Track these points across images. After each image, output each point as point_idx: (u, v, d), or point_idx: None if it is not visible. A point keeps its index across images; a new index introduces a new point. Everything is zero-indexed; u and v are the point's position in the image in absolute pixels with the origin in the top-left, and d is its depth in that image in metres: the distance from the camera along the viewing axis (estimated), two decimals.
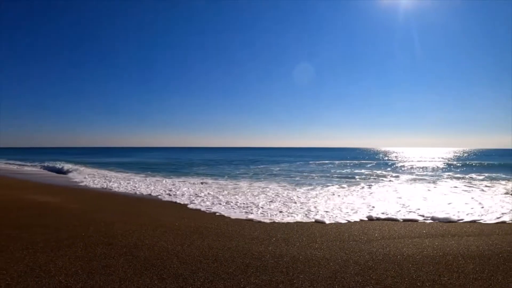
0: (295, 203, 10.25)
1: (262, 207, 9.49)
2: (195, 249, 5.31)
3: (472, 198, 11.40)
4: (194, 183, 16.69)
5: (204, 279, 4.01)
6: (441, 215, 8.08)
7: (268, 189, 14.14)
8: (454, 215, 8.09)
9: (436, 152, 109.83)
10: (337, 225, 7.39)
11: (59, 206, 9.10)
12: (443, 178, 20.01)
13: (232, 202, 10.44)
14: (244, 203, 10.13)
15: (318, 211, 8.83)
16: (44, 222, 7.00)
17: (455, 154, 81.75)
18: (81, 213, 8.13)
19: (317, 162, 43.02)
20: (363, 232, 6.61)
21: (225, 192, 13.05)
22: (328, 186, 15.50)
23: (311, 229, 6.98)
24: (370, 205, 9.75)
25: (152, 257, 4.82)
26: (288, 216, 8.30)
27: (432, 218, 7.54)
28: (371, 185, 16.05)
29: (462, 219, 7.40)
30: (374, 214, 8.36)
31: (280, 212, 8.84)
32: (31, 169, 27.92)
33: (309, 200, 10.91)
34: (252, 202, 10.34)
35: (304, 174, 23.83)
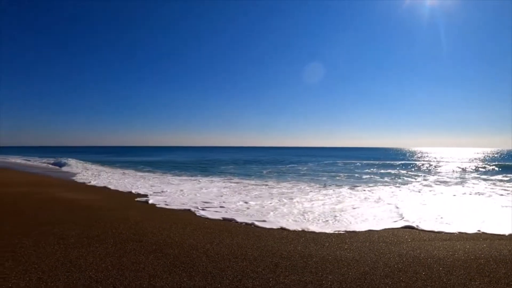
0: (323, 205, 10.17)
1: (288, 212, 9.43)
2: (224, 247, 5.36)
3: (503, 202, 10.96)
4: (222, 182, 16.88)
5: (233, 278, 4.04)
6: (473, 228, 7.55)
7: (295, 190, 14.06)
8: (488, 226, 7.42)
9: (465, 152, 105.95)
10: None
11: (89, 204, 9.41)
12: (472, 180, 19.15)
13: (254, 202, 10.46)
14: (265, 204, 10.13)
15: (340, 217, 8.69)
16: (75, 219, 7.25)
17: (484, 154, 78.33)
18: (111, 211, 8.36)
19: (345, 161, 42.48)
20: (392, 234, 6.47)
21: (252, 192, 13.09)
22: (356, 186, 15.21)
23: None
24: (396, 211, 9.42)
25: (181, 255, 4.91)
26: (313, 223, 8.13)
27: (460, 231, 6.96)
28: (398, 187, 15.66)
29: (494, 232, 6.79)
30: (401, 221, 8.00)
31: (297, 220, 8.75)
32: (57, 168, 28.68)
33: (337, 204, 10.79)
34: (274, 205, 10.33)
35: (332, 174, 23.54)
